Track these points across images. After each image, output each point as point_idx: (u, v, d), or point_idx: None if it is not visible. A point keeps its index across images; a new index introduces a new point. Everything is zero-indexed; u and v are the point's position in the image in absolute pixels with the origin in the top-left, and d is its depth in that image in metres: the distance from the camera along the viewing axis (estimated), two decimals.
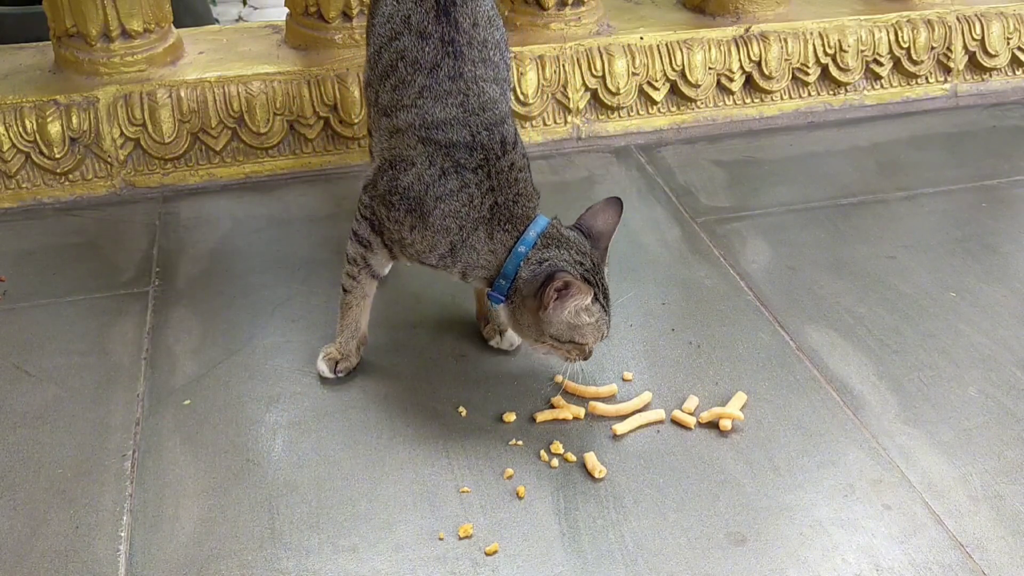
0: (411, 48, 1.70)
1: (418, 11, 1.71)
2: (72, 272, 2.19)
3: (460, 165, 1.65)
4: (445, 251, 1.68)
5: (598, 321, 1.64)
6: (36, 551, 1.50)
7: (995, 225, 2.38)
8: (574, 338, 1.64)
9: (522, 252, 1.64)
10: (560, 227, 1.68)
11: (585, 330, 1.64)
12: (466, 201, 1.65)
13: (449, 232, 1.66)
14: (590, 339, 1.65)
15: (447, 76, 1.68)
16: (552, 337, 1.64)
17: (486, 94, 1.70)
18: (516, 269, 1.64)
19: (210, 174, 2.54)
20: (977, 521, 1.57)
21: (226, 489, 1.62)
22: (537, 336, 1.66)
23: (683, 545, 1.52)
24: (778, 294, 2.12)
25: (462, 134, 1.66)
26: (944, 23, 2.97)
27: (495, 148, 1.67)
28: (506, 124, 1.72)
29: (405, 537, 1.53)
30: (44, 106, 2.40)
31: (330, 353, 1.85)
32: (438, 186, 1.65)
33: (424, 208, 1.66)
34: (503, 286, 1.66)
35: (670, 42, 2.77)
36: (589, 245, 1.67)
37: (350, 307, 1.83)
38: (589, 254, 1.66)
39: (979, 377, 1.88)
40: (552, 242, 1.65)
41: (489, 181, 1.66)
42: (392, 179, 1.70)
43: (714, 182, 2.57)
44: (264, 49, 2.67)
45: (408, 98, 1.69)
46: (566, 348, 1.66)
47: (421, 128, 1.68)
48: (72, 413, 1.78)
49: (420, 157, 1.67)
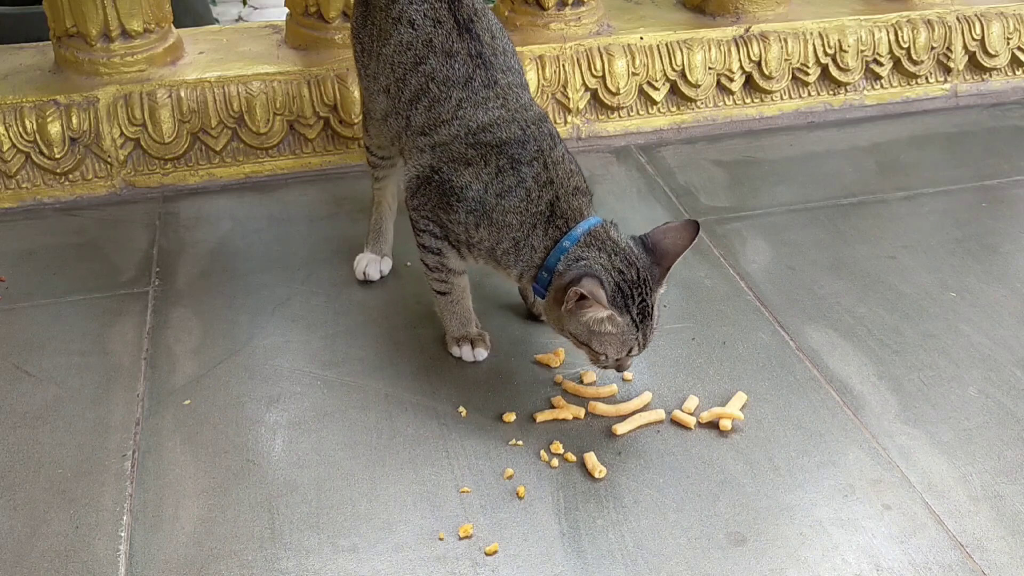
0: (440, 68, 1.75)
1: (439, 33, 1.76)
2: (72, 272, 2.19)
3: (515, 160, 1.68)
4: (509, 247, 1.70)
5: (623, 335, 1.62)
6: (36, 551, 1.51)
7: (995, 225, 2.38)
8: (592, 344, 1.64)
9: (566, 247, 1.65)
10: (611, 230, 1.67)
11: (605, 339, 1.62)
12: (524, 196, 1.67)
13: (511, 228, 1.69)
14: (610, 351, 1.64)
15: (482, 85, 1.73)
16: (571, 335, 1.66)
17: (521, 97, 1.76)
18: (557, 263, 1.65)
19: (210, 174, 2.54)
20: (977, 521, 1.57)
21: (226, 489, 1.62)
22: (559, 329, 1.68)
23: (683, 545, 1.52)
24: (778, 294, 2.12)
25: (512, 130, 1.70)
26: (944, 23, 2.97)
27: (546, 140, 1.71)
28: (548, 121, 1.76)
29: (405, 537, 1.53)
30: (44, 106, 2.40)
31: (462, 342, 1.89)
32: (496, 183, 1.68)
33: (486, 206, 1.69)
34: (545, 279, 1.68)
35: (670, 42, 2.77)
36: (648, 259, 1.64)
37: (457, 302, 1.87)
38: (637, 266, 1.62)
39: (979, 377, 1.88)
40: (596, 243, 1.64)
41: (547, 172, 1.68)
42: (442, 183, 1.73)
43: (714, 182, 2.57)
44: (264, 49, 2.67)
45: (447, 112, 1.73)
46: (584, 350, 1.67)
47: (468, 136, 1.71)
48: (72, 413, 1.78)
49: (475, 159, 1.70)
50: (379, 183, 2.13)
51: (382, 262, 2.15)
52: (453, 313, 1.89)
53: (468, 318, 1.90)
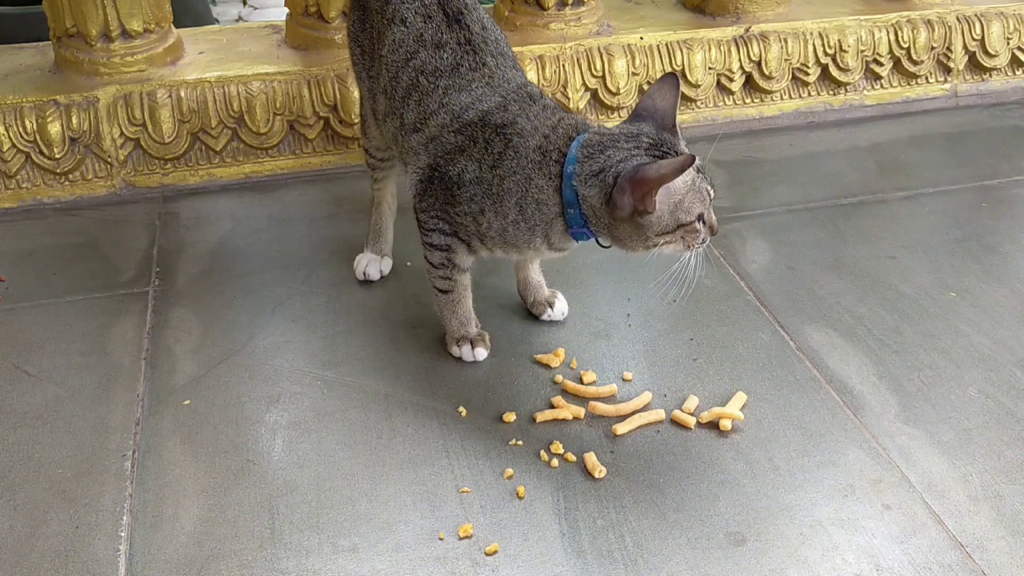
0: (429, 60, 1.75)
1: (429, 27, 1.77)
2: (72, 272, 2.19)
3: (498, 127, 1.67)
4: (516, 216, 1.65)
5: (695, 183, 1.55)
6: (36, 551, 1.50)
7: (995, 225, 2.38)
8: (681, 219, 1.55)
9: (570, 172, 1.59)
10: (598, 128, 1.62)
11: (687, 200, 1.54)
12: (514, 155, 1.64)
13: (512, 194, 1.64)
14: (698, 207, 1.55)
15: (469, 68, 1.74)
16: (656, 233, 1.55)
17: (507, 74, 1.75)
18: (574, 191, 1.59)
19: (210, 174, 2.54)
20: (977, 521, 1.57)
21: (226, 489, 1.62)
22: (648, 243, 1.58)
23: (683, 545, 1.52)
24: (778, 294, 2.12)
25: (493, 100, 1.70)
26: (944, 23, 2.97)
27: (525, 100, 1.70)
28: (530, 85, 1.76)
29: (405, 537, 1.53)
30: (44, 106, 2.40)
31: (461, 342, 1.89)
32: (487, 157, 1.66)
33: (483, 183, 1.67)
34: (574, 216, 1.60)
35: (670, 42, 2.77)
36: (650, 127, 1.60)
37: (458, 302, 1.87)
38: (644, 134, 1.58)
39: (979, 377, 1.88)
40: (595, 149, 1.57)
41: (530, 123, 1.66)
42: (442, 178, 1.72)
43: (714, 182, 2.56)
44: (264, 49, 2.67)
45: (434, 103, 1.74)
46: (681, 237, 1.57)
47: (453, 121, 1.71)
48: (72, 413, 1.78)
49: (464, 143, 1.69)
50: (378, 184, 2.13)
51: (382, 262, 2.15)
52: (453, 313, 1.88)
53: (468, 318, 1.90)
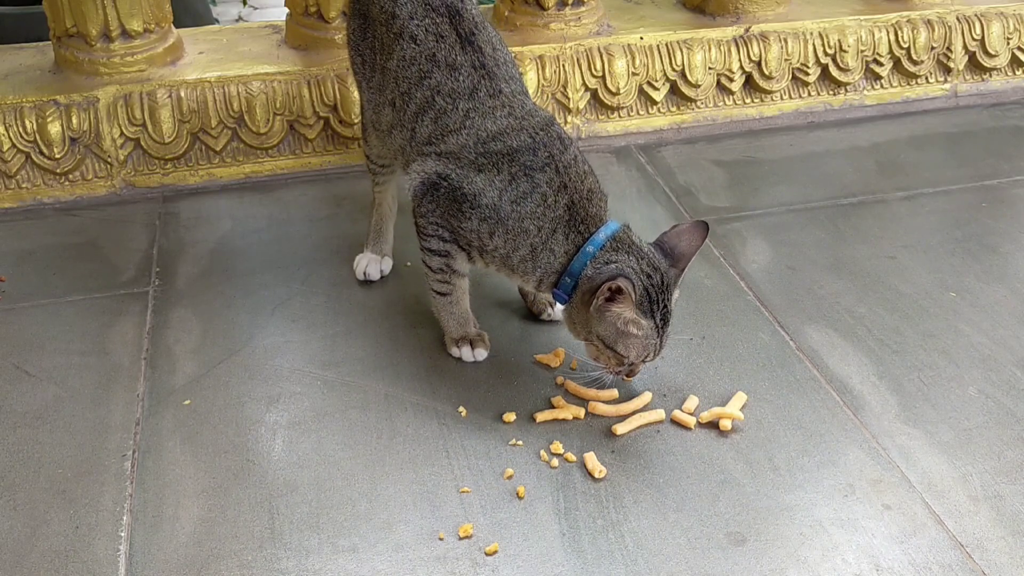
0: (445, 81, 1.77)
1: (442, 47, 1.78)
2: (72, 272, 2.19)
3: (528, 167, 1.69)
4: (526, 254, 1.71)
5: (645, 339, 1.65)
6: (36, 551, 1.51)
7: (995, 225, 2.38)
8: (617, 346, 1.65)
9: (590, 252, 1.67)
10: (631, 234, 1.70)
11: (630, 342, 1.64)
12: (540, 201, 1.68)
13: (528, 235, 1.70)
14: (632, 353, 1.66)
15: (487, 95, 1.75)
16: (599, 338, 1.66)
17: (526, 105, 1.78)
18: (582, 268, 1.66)
19: (210, 174, 2.54)
20: (977, 521, 1.57)
21: (226, 489, 1.62)
22: (587, 334, 1.69)
23: (683, 545, 1.52)
24: (778, 294, 2.12)
25: (521, 138, 1.72)
26: (944, 23, 2.97)
27: (555, 144, 1.72)
28: (556, 124, 1.77)
29: (405, 537, 1.53)
30: (44, 106, 2.40)
31: (461, 343, 1.89)
32: (510, 190, 1.69)
33: (500, 213, 1.70)
34: (568, 284, 1.69)
35: (670, 42, 2.77)
36: (666, 263, 1.68)
37: (455, 303, 1.88)
38: (661, 271, 1.66)
39: (979, 377, 1.88)
40: (622, 247, 1.67)
41: (559, 177, 1.69)
42: (452, 190, 1.73)
43: (714, 182, 2.57)
44: (264, 49, 2.67)
45: (455, 123, 1.75)
46: (608, 354, 1.67)
47: (477, 144, 1.73)
48: (72, 413, 1.78)
49: (486, 166, 1.71)
50: (379, 186, 2.13)
51: (382, 262, 2.15)
52: (451, 314, 1.89)
53: (466, 319, 1.90)
